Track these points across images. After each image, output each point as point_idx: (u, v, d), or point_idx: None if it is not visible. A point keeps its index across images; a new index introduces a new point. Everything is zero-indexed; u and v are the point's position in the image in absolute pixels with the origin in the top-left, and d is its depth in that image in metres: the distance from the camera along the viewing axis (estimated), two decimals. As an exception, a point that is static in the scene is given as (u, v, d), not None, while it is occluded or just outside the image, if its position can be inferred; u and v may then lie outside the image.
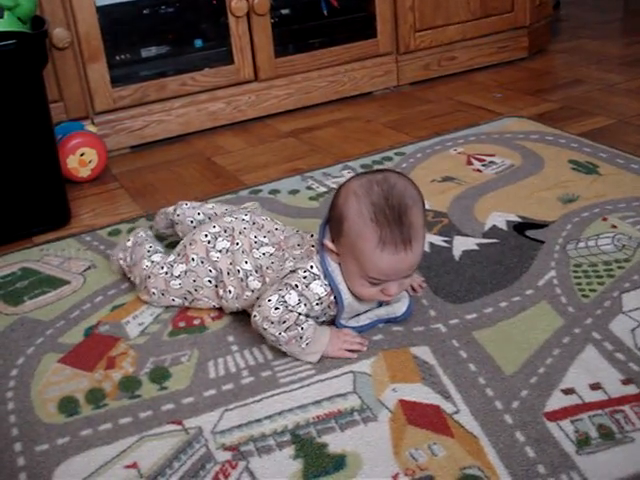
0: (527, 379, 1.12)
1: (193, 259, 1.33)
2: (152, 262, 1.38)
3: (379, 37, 2.46)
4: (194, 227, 1.45)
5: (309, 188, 1.82)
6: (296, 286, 1.19)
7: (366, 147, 2.06)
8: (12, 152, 1.64)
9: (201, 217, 1.48)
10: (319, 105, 2.42)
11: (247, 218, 1.37)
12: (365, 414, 1.08)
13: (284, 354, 1.21)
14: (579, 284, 1.34)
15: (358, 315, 1.27)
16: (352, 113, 2.36)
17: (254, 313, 1.20)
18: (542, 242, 1.48)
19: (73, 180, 1.95)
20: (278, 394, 1.14)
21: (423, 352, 1.20)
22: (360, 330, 1.25)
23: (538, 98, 2.34)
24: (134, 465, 1.03)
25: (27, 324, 1.38)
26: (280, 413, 1.10)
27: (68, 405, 1.16)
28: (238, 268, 1.29)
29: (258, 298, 1.24)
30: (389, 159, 1.94)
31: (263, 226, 1.36)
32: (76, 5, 2.02)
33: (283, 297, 1.18)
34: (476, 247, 1.49)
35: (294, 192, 1.80)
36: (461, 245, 1.50)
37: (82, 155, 1.94)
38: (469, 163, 1.88)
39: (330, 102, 2.44)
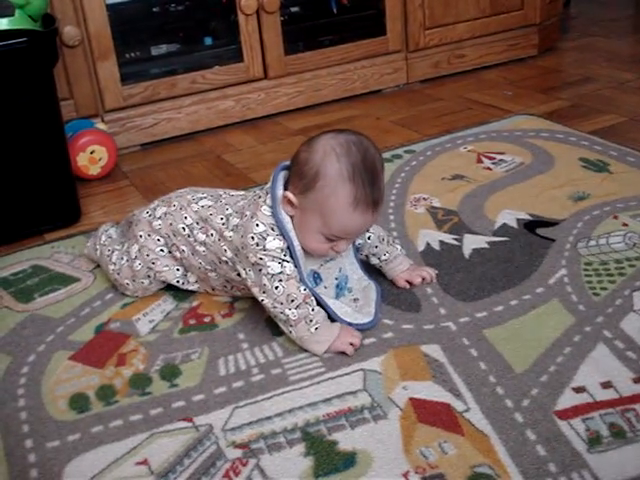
0: (538, 377, 1.11)
1: (141, 235, 1.38)
2: (113, 263, 1.42)
3: (389, 35, 2.45)
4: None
5: (319, 186, 1.81)
6: (260, 259, 1.21)
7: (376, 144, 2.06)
8: (23, 150, 1.64)
9: (116, 236, 1.53)
10: (329, 103, 2.42)
11: (187, 189, 1.43)
12: (375, 412, 1.08)
13: (294, 351, 1.22)
14: (590, 282, 1.33)
15: (321, 281, 1.28)
16: (362, 111, 2.36)
17: (261, 297, 1.22)
18: (553, 240, 1.48)
19: (83, 178, 1.96)
20: (288, 392, 1.14)
21: (433, 350, 1.20)
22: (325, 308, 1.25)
23: (548, 96, 2.34)
24: (145, 462, 1.03)
25: (38, 321, 1.38)
26: (290, 411, 1.10)
27: (79, 402, 1.16)
28: (181, 225, 1.34)
29: (213, 251, 1.30)
30: (399, 157, 1.94)
31: (205, 192, 1.40)
32: (86, 3, 2.02)
33: (268, 272, 1.20)
34: (486, 245, 1.49)
35: (304, 190, 1.80)
36: (471, 243, 1.50)
37: (92, 153, 1.95)
38: (479, 161, 1.87)
39: (340, 100, 2.44)
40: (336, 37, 2.41)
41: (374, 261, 1.38)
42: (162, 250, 1.37)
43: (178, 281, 1.39)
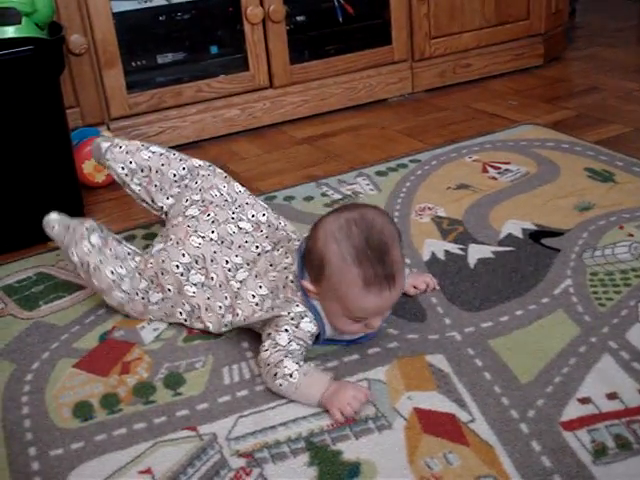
0: (543, 388, 1.11)
1: (169, 290, 1.31)
2: (124, 292, 1.33)
3: (394, 44, 2.46)
4: (125, 175, 1.44)
5: (324, 195, 1.82)
6: (286, 330, 1.18)
7: (381, 154, 2.06)
8: (29, 157, 1.65)
9: (133, 166, 1.44)
10: (334, 112, 2.42)
11: (214, 236, 1.32)
12: (380, 422, 1.08)
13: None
14: (595, 293, 1.33)
15: None
16: (367, 120, 2.36)
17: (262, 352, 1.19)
18: (558, 250, 1.48)
19: (89, 185, 1.96)
20: (293, 401, 1.13)
21: (438, 360, 1.19)
22: (322, 343, 1.24)
23: (554, 106, 2.34)
24: (148, 471, 1.03)
25: (42, 329, 1.38)
26: (294, 420, 1.10)
27: (83, 410, 1.16)
28: (219, 304, 1.28)
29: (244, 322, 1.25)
30: (404, 166, 1.94)
31: (233, 241, 1.33)
32: (93, 11, 2.03)
33: (274, 339, 1.17)
34: (492, 255, 1.49)
35: (309, 199, 1.80)
36: (476, 253, 1.50)
37: (98, 161, 1.95)
38: (484, 171, 1.87)
39: (345, 109, 2.44)
40: (342, 46, 2.41)
41: None
42: (181, 313, 1.32)
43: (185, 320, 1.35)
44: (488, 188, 1.78)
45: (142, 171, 1.44)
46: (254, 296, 1.25)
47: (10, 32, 1.59)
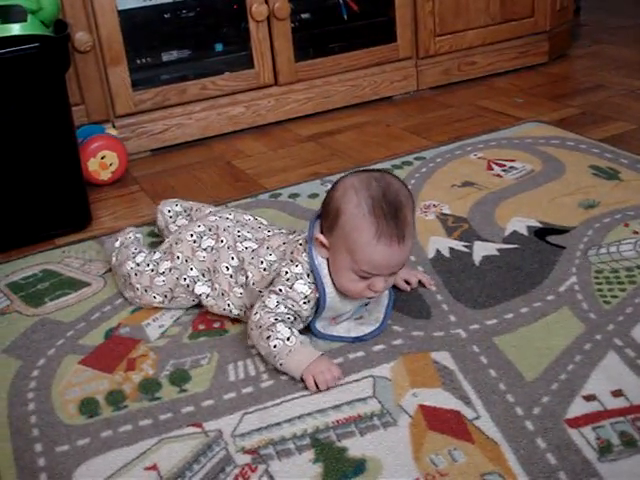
0: (548, 385, 1.11)
1: (178, 257, 1.36)
2: (136, 263, 1.40)
3: (399, 42, 2.46)
4: (170, 217, 1.53)
5: (329, 192, 1.82)
6: (280, 290, 1.22)
7: (386, 151, 2.06)
8: (34, 155, 1.65)
9: (178, 209, 1.55)
10: (339, 109, 2.43)
11: (231, 217, 1.40)
12: (385, 419, 1.08)
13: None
14: (600, 290, 1.33)
15: (335, 320, 1.28)
16: (372, 117, 2.36)
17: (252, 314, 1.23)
18: (563, 248, 1.48)
19: (94, 183, 1.96)
20: (298, 398, 1.14)
21: (443, 357, 1.20)
22: (325, 338, 1.25)
23: (559, 103, 2.33)
24: (154, 467, 1.03)
25: (48, 325, 1.38)
26: (300, 417, 1.10)
27: (88, 406, 1.17)
28: (226, 265, 1.31)
29: (248, 296, 1.29)
30: (409, 164, 1.94)
31: (247, 223, 1.39)
32: (98, 9, 2.03)
33: (264, 302, 1.21)
34: (496, 252, 1.49)
35: (314, 196, 1.80)
36: (481, 250, 1.50)
37: (103, 158, 1.95)
38: (489, 168, 1.87)
39: (350, 106, 2.44)
40: (346, 44, 2.41)
41: None
42: (185, 279, 1.35)
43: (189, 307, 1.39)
44: (493, 185, 1.77)
45: (185, 212, 1.55)
46: (263, 262, 1.28)
47: (16, 30, 1.59)
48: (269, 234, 1.35)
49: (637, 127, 2.08)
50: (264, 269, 1.27)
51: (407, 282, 1.39)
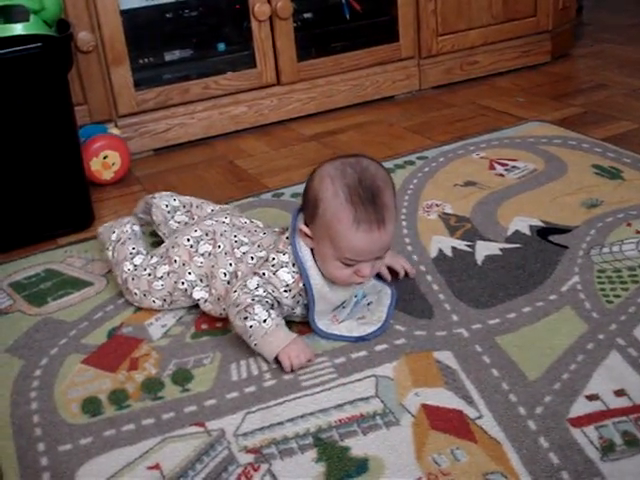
0: (551, 385, 1.11)
1: (176, 261, 1.36)
2: (134, 265, 1.40)
3: (401, 41, 2.46)
4: (168, 212, 1.52)
5: (331, 192, 1.82)
6: (263, 274, 1.23)
7: (388, 151, 2.06)
8: (37, 154, 1.65)
9: (176, 203, 1.54)
10: (341, 109, 2.43)
11: (227, 221, 1.40)
12: (387, 418, 1.08)
13: (306, 357, 1.22)
14: (603, 290, 1.33)
15: (336, 318, 1.28)
16: (374, 117, 2.36)
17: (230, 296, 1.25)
18: (565, 247, 1.48)
19: (96, 182, 1.96)
20: (300, 397, 1.14)
21: (446, 357, 1.20)
22: (328, 338, 1.25)
23: (561, 102, 2.33)
24: (157, 466, 1.03)
25: (51, 325, 1.39)
26: (302, 416, 1.10)
27: (91, 406, 1.17)
28: (223, 271, 1.31)
29: None
30: (411, 163, 1.94)
31: (243, 227, 1.39)
32: (100, 9, 2.03)
33: (245, 282, 1.23)
34: (499, 252, 1.49)
35: (316, 196, 1.80)
36: (484, 250, 1.50)
37: (105, 158, 1.96)
38: (492, 168, 1.87)
39: (352, 106, 2.44)
40: (349, 43, 2.41)
41: None
42: (183, 283, 1.34)
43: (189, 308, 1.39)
44: (495, 185, 1.77)
45: (184, 207, 1.54)
46: (253, 258, 1.29)
47: (18, 29, 1.59)
48: (264, 236, 1.35)
49: (639, 126, 2.08)
50: (254, 264, 1.29)
51: (391, 269, 1.39)
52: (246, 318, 1.20)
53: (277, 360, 1.20)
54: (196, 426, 1.10)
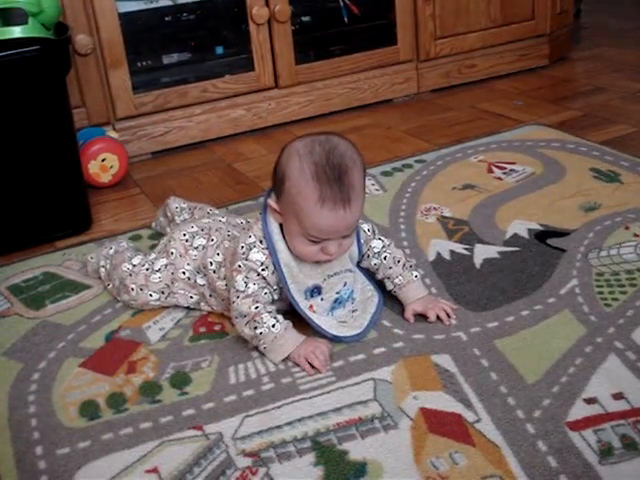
0: (549, 388, 1.11)
1: (172, 253, 1.38)
2: (133, 265, 1.42)
3: (399, 44, 2.46)
4: (176, 209, 1.59)
5: (329, 195, 1.82)
6: (239, 266, 1.23)
7: (386, 154, 2.06)
8: (35, 157, 1.65)
9: (184, 205, 1.60)
10: (339, 112, 2.43)
11: (224, 219, 1.44)
12: (386, 422, 1.08)
13: (304, 361, 1.22)
14: (601, 293, 1.33)
15: (310, 305, 1.27)
16: (372, 120, 2.36)
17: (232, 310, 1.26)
18: (564, 250, 1.48)
19: (94, 185, 1.96)
20: (298, 401, 1.14)
21: (444, 360, 1.19)
22: (309, 323, 1.25)
23: (559, 106, 2.34)
24: (155, 470, 1.03)
25: (49, 328, 1.38)
26: (300, 420, 1.10)
27: (89, 409, 1.16)
28: (210, 260, 1.33)
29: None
30: (409, 166, 1.94)
31: (238, 225, 1.41)
32: (99, 12, 2.03)
33: (234, 287, 1.23)
34: (497, 255, 1.49)
35: (314, 199, 1.80)
36: (482, 253, 1.50)
37: (103, 161, 1.96)
38: (490, 171, 1.87)
39: (350, 109, 2.45)
40: (347, 47, 2.41)
41: (389, 286, 1.34)
42: (184, 273, 1.36)
43: (188, 307, 1.40)
44: (494, 188, 1.78)
45: (189, 209, 1.59)
46: (243, 246, 1.27)
47: (17, 32, 1.59)
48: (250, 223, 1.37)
49: (638, 130, 2.08)
50: (233, 254, 1.29)
51: (422, 315, 1.31)
52: (256, 327, 1.21)
53: (294, 363, 1.21)
54: (194, 429, 1.10)
